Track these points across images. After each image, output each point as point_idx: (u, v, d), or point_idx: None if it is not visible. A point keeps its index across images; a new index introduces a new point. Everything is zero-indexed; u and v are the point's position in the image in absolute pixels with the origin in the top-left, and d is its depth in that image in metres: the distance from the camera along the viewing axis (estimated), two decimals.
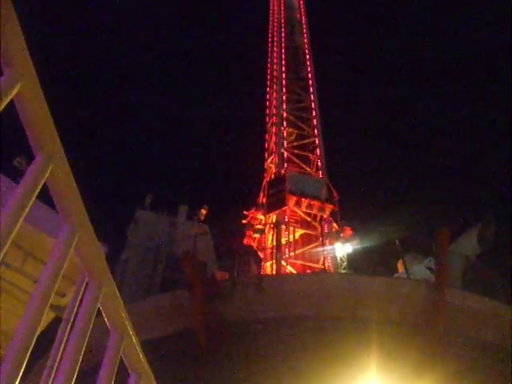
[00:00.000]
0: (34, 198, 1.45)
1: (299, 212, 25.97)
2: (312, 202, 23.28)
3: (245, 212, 24.85)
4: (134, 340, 2.22)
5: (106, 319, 2.09)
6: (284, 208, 23.26)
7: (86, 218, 1.71)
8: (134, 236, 22.67)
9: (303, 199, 23.20)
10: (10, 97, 1.32)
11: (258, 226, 23.82)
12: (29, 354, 1.39)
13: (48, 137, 1.49)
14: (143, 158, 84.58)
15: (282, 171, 26.65)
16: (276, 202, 23.65)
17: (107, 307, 2.03)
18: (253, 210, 24.82)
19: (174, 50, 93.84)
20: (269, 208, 23.90)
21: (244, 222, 24.58)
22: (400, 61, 78.29)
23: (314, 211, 23.38)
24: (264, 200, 24.94)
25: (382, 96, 74.28)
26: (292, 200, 23.17)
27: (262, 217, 24.49)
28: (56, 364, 2.02)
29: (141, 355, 2.32)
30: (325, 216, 23.26)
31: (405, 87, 78.91)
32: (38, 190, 1.47)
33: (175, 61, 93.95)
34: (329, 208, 23.42)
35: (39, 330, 1.47)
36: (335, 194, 24.70)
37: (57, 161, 1.53)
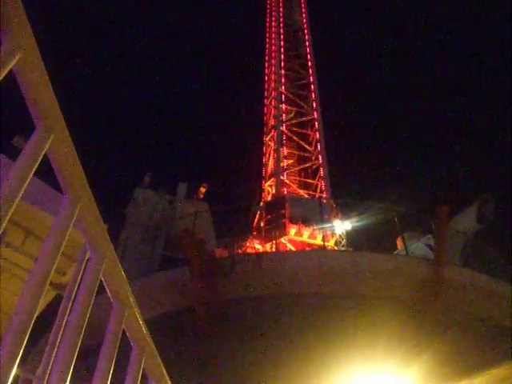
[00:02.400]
0: (35, 168, 1.44)
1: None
2: (315, 232, 21.20)
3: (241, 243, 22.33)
4: (136, 312, 2.24)
5: (108, 291, 2.10)
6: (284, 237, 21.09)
7: (87, 187, 1.71)
8: (133, 215, 22.67)
9: (305, 228, 21.15)
10: (9, 65, 1.30)
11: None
12: (28, 332, 1.39)
13: (48, 106, 1.48)
14: (142, 136, 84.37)
15: (284, 190, 25.24)
16: (275, 230, 21.19)
17: (109, 279, 2.03)
18: (249, 238, 22.85)
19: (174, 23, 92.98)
20: (266, 236, 21.64)
21: (240, 251, 21.91)
22: (402, 36, 77.71)
23: (318, 241, 21.43)
24: (261, 224, 22.73)
25: (382, 70, 73.89)
26: (293, 229, 21.16)
27: (259, 246, 22.40)
28: (58, 340, 2.02)
29: (143, 327, 2.34)
30: (328, 245, 21.08)
31: (405, 61, 78.29)
32: (39, 160, 1.46)
33: (175, 37, 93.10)
34: (334, 237, 21.75)
35: (39, 307, 1.47)
36: (338, 214, 22.15)
37: (57, 130, 1.52)
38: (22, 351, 1.35)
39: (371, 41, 78.50)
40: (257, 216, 24.43)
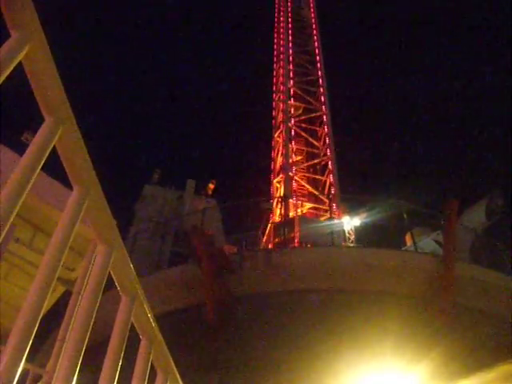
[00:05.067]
0: (44, 160, 1.45)
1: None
2: None
3: None
4: (144, 304, 2.25)
5: (116, 283, 2.11)
6: None
7: (96, 180, 1.71)
8: (142, 211, 22.77)
9: None
10: (18, 58, 1.31)
11: None
12: (36, 327, 1.40)
13: (57, 99, 1.49)
14: (151, 133, 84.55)
15: (291, 213, 23.65)
16: None
17: (118, 271, 2.04)
18: None
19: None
20: None
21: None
22: (412, 28, 77.28)
23: None
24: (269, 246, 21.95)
25: (389, 64, 73.56)
26: None
27: None
28: (67, 335, 2.03)
29: (151, 319, 2.35)
30: None
31: (414, 55, 77.90)
32: (48, 152, 1.47)
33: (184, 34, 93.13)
34: None
35: (47, 302, 1.47)
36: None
37: (66, 123, 1.53)
38: (29, 346, 1.35)
39: (381, 35, 78.16)
40: (264, 237, 23.82)
